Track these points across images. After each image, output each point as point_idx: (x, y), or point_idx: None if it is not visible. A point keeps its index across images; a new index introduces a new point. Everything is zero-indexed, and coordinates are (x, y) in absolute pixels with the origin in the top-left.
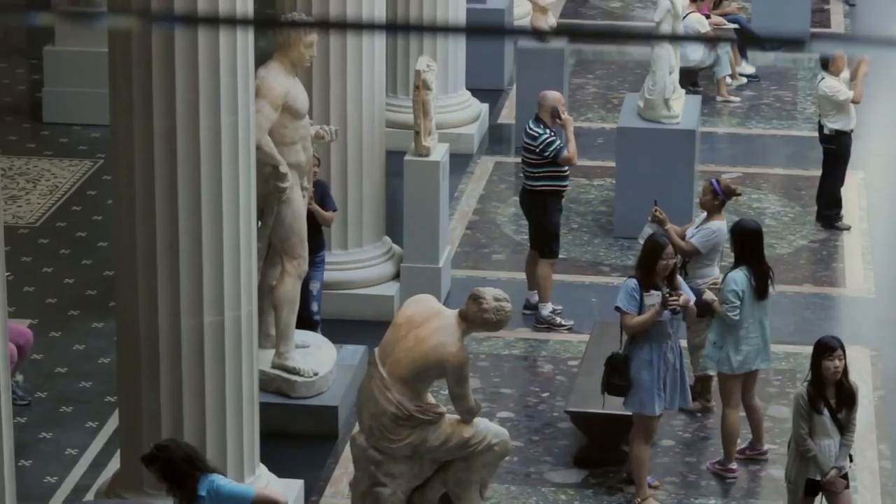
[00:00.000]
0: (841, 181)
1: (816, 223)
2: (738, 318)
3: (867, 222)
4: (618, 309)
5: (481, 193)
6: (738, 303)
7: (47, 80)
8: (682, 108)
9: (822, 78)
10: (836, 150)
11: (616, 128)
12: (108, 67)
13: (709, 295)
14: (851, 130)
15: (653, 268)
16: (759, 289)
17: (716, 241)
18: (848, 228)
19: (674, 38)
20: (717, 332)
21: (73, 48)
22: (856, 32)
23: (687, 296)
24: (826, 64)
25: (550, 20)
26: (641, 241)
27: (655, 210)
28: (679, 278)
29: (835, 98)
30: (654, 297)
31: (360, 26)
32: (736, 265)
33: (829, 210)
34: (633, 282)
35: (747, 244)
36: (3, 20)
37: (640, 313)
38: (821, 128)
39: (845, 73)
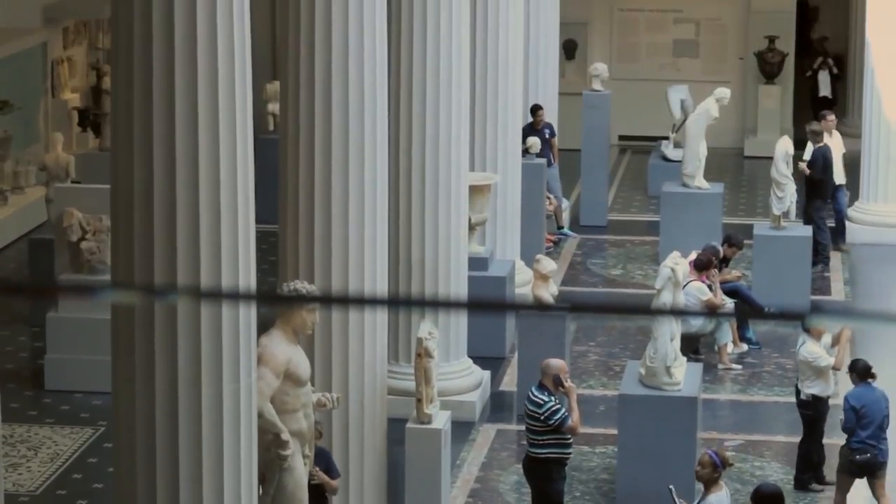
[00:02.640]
0: (817, 446)
1: (794, 489)
2: None
3: None
4: None
5: (483, 461)
6: None
7: (49, 347)
8: (683, 376)
9: (804, 342)
10: (812, 415)
11: (618, 395)
12: (110, 335)
13: None
14: (828, 397)
15: None
16: None
17: None
18: (821, 490)
19: (675, 313)
20: None
21: (75, 315)
22: (856, 299)
23: None
24: (807, 328)
25: (552, 288)
26: None
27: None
28: None
29: (815, 364)
30: None
31: (361, 301)
32: None
33: (802, 474)
34: None
35: None
36: (7, 299)
37: None
38: (798, 392)
39: (827, 338)
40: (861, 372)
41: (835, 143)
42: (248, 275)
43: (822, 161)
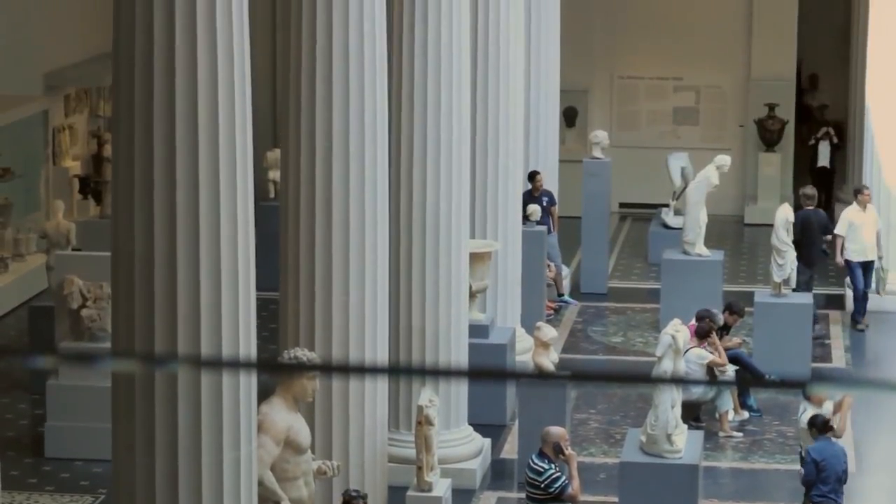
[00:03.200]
0: None
1: None
2: None
3: None
4: None
5: None
6: None
7: (50, 414)
8: (684, 443)
9: (805, 410)
10: None
11: (619, 462)
12: (110, 403)
13: None
14: None
15: None
16: None
17: None
18: None
19: (676, 381)
20: None
21: (75, 383)
22: (857, 367)
23: None
24: (808, 395)
25: (552, 356)
26: None
27: None
28: None
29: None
30: None
31: (362, 370)
32: None
33: None
34: None
35: None
36: (7, 364)
37: None
38: (802, 458)
39: (828, 406)
40: (820, 426)
41: (869, 219)
42: (249, 342)
43: (799, 224)
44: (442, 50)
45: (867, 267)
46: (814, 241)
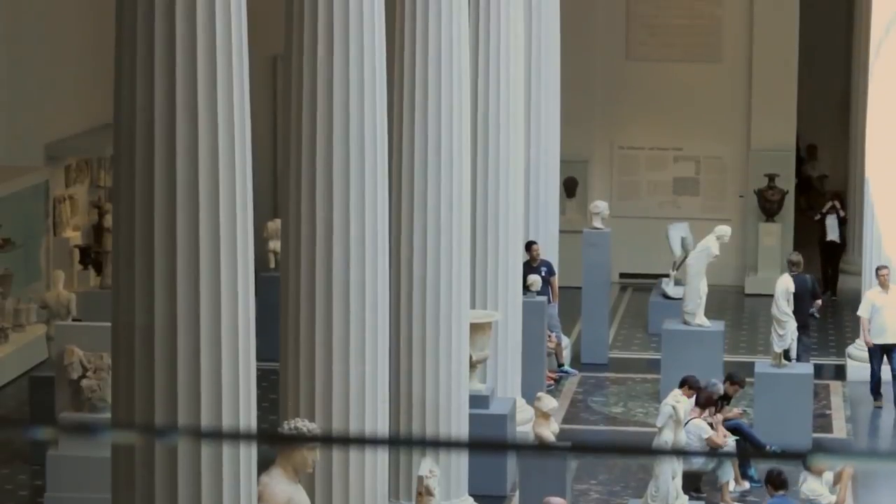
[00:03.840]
0: None
1: None
2: None
3: None
4: None
5: None
6: None
7: (50, 485)
8: None
9: (805, 479)
10: None
11: None
12: (110, 474)
13: None
14: None
15: None
16: None
17: None
18: None
19: (676, 453)
20: None
21: (75, 453)
22: (857, 439)
23: None
24: (809, 465)
25: (553, 426)
26: None
27: None
28: None
29: (816, 502)
30: None
31: (362, 441)
32: None
33: None
34: None
35: None
36: (8, 435)
37: None
38: None
39: (828, 475)
40: (776, 482)
41: (891, 300)
42: (249, 413)
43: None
44: (442, 120)
45: (888, 350)
46: (801, 306)
